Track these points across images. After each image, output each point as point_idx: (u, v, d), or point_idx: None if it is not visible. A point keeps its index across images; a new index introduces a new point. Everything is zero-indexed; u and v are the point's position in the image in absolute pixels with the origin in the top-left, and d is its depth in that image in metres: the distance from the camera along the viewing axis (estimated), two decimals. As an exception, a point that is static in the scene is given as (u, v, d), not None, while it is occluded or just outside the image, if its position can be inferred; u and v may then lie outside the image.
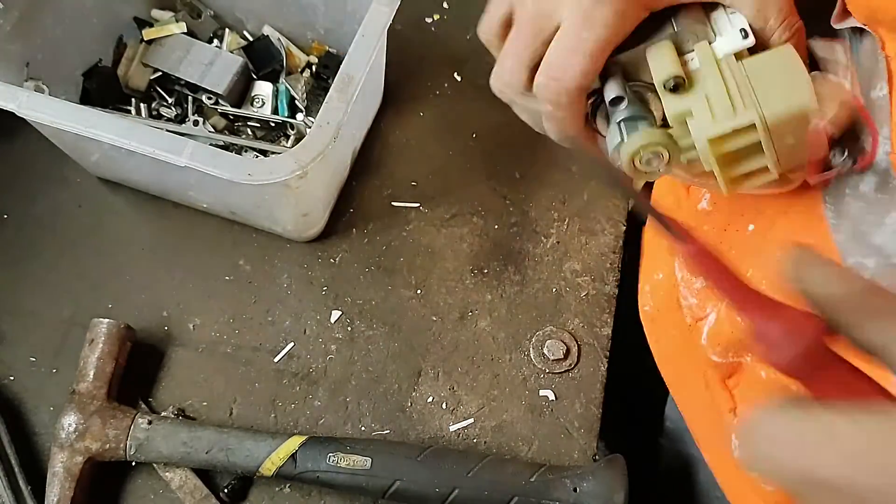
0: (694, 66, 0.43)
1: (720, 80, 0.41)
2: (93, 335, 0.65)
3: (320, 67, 0.79)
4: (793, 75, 0.40)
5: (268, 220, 0.74)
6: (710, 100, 0.41)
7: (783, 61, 0.41)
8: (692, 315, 0.58)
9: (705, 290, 0.56)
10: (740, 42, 0.42)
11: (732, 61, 0.42)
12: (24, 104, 0.59)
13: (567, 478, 0.62)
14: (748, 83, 0.41)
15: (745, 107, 0.40)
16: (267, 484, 0.66)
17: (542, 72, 0.43)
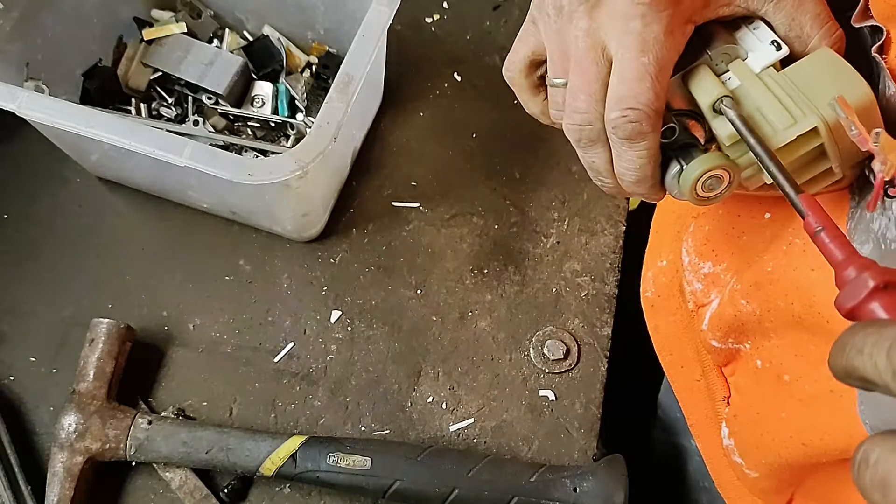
0: (733, 86, 0.43)
1: (768, 92, 0.41)
2: (93, 335, 0.65)
3: (320, 67, 0.79)
4: (839, 72, 0.40)
5: (268, 220, 0.74)
6: (765, 113, 0.41)
7: (825, 62, 0.41)
8: (695, 301, 0.59)
9: (712, 275, 0.56)
10: (774, 54, 0.42)
11: (773, 73, 0.42)
12: (24, 104, 0.59)
13: (567, 478, 0.62)
14: (797, 90, 0.41)
15: (803, 113, 0.40)
16: (267, 484, 0.66)
17: (613, 106, 0.42)
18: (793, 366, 0.49)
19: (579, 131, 0.44)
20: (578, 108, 0.44)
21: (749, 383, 0.55)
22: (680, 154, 0.44)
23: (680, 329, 0.62)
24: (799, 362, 0.49)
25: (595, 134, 0.44)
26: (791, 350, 0.49)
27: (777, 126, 0.40)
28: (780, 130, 0.40)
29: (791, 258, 0.46)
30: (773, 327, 0.50)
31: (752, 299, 0.50)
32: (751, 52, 0.43)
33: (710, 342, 0.56)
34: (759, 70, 0.42)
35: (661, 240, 0.67)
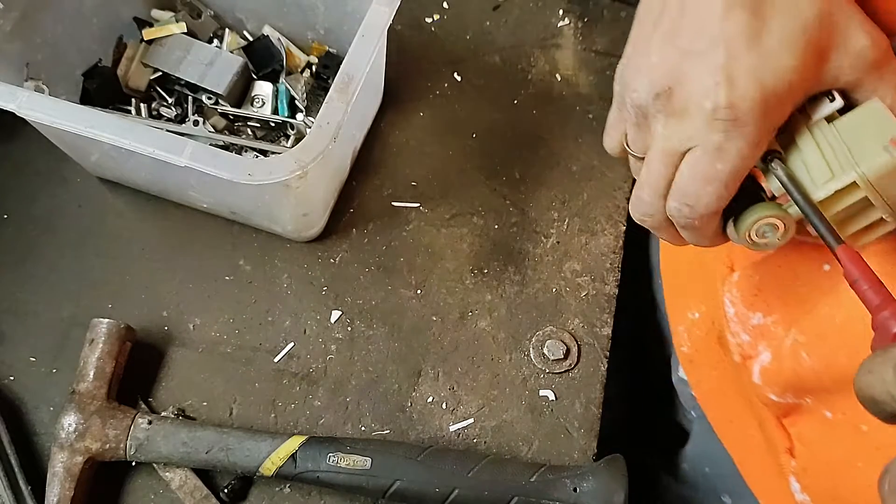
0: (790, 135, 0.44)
1: (814, 145, 0.42)
2: (93, 335, 0.65)
3: (320, 67, 0.79)
4: (887, 126, 0.40)
5: (268, 220, 0.74)
6: (809, 166, 0.42)
7: (873, 115, 0.41)
8: (741, 353, 0.57)
9: (762, 326, 0.55)
10: (829, 106, 0.42)
11: (824, 125, 0.42)
12: (24, 104, 0.59)
13: (567, 478, 0.62)
14: (842, 143, 0.41)
15: (841, 168, 0.40)
16: (267, 484, 0.66)
17: (675, 197, 0.43)
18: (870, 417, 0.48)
19: (641, 220, 0.46)
20: (642, 199, 0.45)
21: (817, 435, 0.53)
22: (738, 200, 0.44)
23: (725, 383, 0.61)
24: None
25: (657, 222, 0.46)
26: None
27: (818, 180, 0.41)
28: (820, 185, 0.41)
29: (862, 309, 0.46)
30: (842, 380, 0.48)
31: (815, 353, 0.49)
32: (807, 102, 0.43)
33: (768, 395, 0.54)
34: (812, 121, 0.43)
35: (686, 290, 0.65)
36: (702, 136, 0.41)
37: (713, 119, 0.40)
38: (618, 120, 0.47)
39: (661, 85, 0.42)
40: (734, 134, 0.40)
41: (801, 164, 0.42)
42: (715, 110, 0.39)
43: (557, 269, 0.76)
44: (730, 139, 0.40)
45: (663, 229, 0.46)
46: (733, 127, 0.39)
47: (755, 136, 0.40)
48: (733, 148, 0.40)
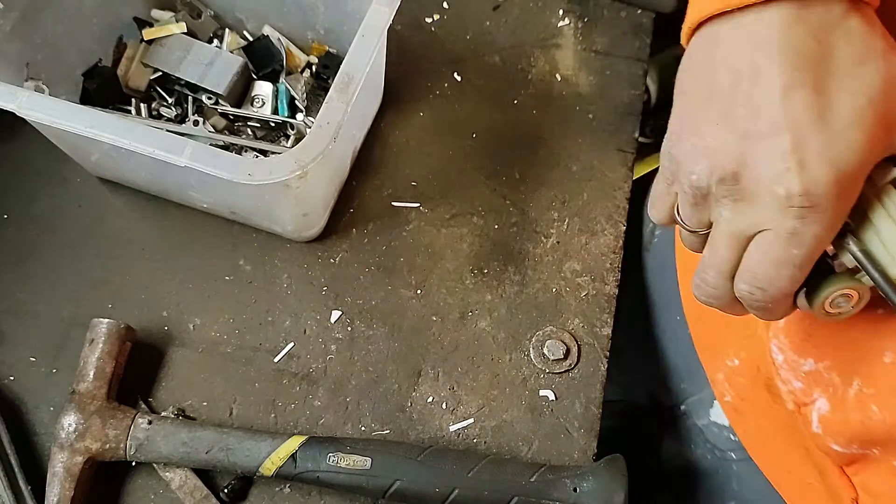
0: None
1: (885, 215, 0.40)
2: (93, 335, 0.65)
3: (320, 67, 0.79)
4: None
5: (268, 220, 0.74)
6: (882, 238, 0.40)
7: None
8: (795, 400, 0.55)
9: (814, 372, 0.53)
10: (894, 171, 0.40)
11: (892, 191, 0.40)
12: (24, 104, 0.59)
13: (567, 478, 0.62)
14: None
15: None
16: (267, 484, 0.66)
17: (745, 280, 0.42)
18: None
19: (707, 301, 0.45)
20: (707, 282, 0.44)
21: (886, 486, 0.50)
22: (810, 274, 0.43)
23: (778, 432, 0.58)
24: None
25: (724, 304, 0.45)
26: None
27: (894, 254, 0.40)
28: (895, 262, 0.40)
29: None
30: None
31: (885, 405, 0.47)
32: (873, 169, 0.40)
33: (829, 446, 0.52)
34: (879, 187, 0.40)
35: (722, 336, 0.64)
36: (775, 222, 0.39)
37: (788, 206, 0.38)
38: (666, 194, 0.46)
39: (725, 170, 0.40)
40: (810, 220, 0.38)
41: (873, 235, 0.41)
42: (789, 197, 0.38)
43: (557, 269, 0.76)
44: (806, 225, 0.38)
45: (729, 307, 0.45)
46: (810, 213, 0.38)
47: (832, 220, 0.38)
48: (809, 233, 0.38)
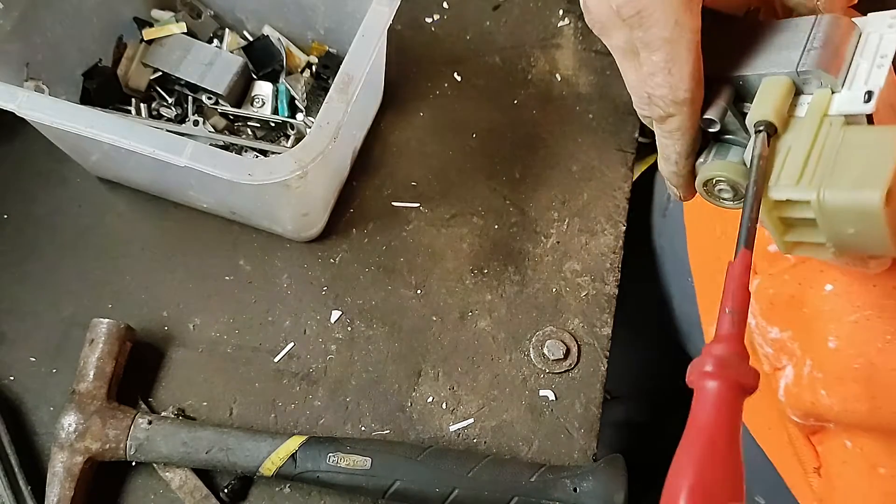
0: (800, 113, 0.40)
1: (809, 141, 0.38)
2: (93, 335, 0.65)
3: (320, 67, 0.79)
4: (878, 166, 0.35)
5: (268, 220, 0.74)
6: (787, 158, 0.38)
7: (880, 145, 0.36)
8: (770, 363, 0.55)
9: (780, 341, 0.53)
10: (859, 105, 0.37)
11: (837, 124, 0.38)
12: (24, 104, 0.59)
13: (567, 478, 0.62)
14: (834, 154, 0.37)
15: (810, 182, 0.37)
16: (267, 484, 0.66)
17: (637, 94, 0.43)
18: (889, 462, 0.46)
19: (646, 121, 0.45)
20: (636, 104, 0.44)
21: (837, 463, 0.51)
22: (718, 147, 0.42)
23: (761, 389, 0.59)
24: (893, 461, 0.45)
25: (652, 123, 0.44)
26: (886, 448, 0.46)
27: (784, 178, 0.38)
28: (781, 185, 0.38)
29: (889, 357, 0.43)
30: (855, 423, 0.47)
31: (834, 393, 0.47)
32: (846, 89, 0.38)
33: (791, 416, 0.53)
34: (832, 112, 0.38)
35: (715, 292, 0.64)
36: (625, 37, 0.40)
37: (622, 20, 0.39)
38: None
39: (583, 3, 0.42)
40: (647, 25, 0.39)
41: (787, 148, 0.39)
42: (618, 12, 0.39)
43: (557, 269, 0.76)
44: (647, 30, 0.39)
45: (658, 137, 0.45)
46: (642, 20, 0.39)
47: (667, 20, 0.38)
48: (653, 37, 0.39)
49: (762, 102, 0.40)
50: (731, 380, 0.31)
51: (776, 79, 0.40)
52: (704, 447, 0.30)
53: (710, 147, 0.43)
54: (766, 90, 0.40)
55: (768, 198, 0.38)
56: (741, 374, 0.31)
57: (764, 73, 0.41)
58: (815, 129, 0.38)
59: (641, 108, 0.43)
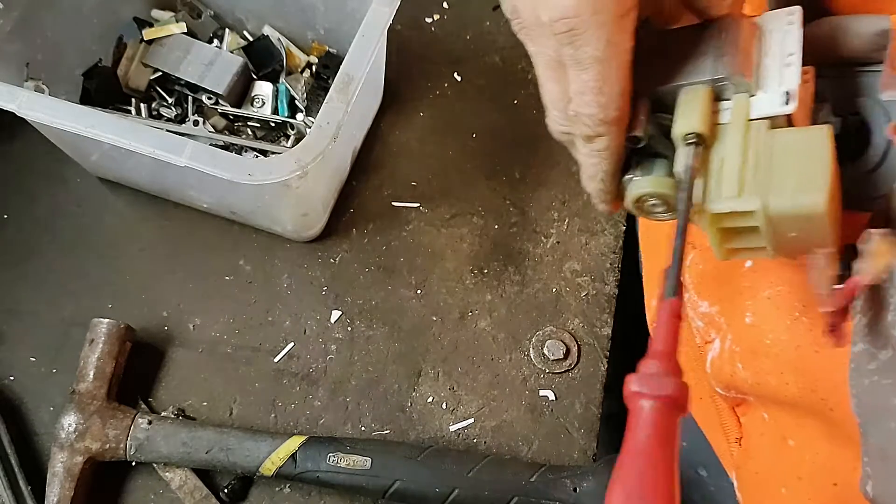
0: (724, 119, 0.39)
1: (740, 149, 0.37)
2: (93, 335, 0.65)
3: (320, 67, 0.79)
4: (815, 168, 0.35)
5: (268, 220, 0.74)
6: (723, 169, 0.38)
7: (813, 147, 0.36)
8: (700, 336, 0.56)
9: (710, 315, 0.54)
10: (779, 107, 0.37)
11: (763, 128, 0.38)
12: (24, 104, 0.59)
13: (567, 478, 0.62)
14: (769, 160, 0.36)
15: (752, 191, 0.36)
16: (267, 484, 0.66)
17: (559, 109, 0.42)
18: (798, 434, 0.47)
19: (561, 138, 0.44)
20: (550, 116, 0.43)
21: (756, 434, 0.52)
22: (642, 162, 0.42)
23: (693, 361, 0.59)
24: (801, 432, 0.46)
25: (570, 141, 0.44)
26: (794, 420, 0.47)
27: (723, 190, 0.37)
28: (722, 197, 0.37)
29: (795, 335, 0.44)
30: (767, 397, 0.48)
31: (748, 367, 0.48)
32: (762, 92, 0.38)
33: (715, 388, 0.54)
34: (754, 117, 0.38)
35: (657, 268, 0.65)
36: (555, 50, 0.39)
37: (553, 34, 0.38)
38: None
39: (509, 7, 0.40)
40: (579, 43, 0.37)
41: (719, 158, 0.38)
42: (551, 25, 0.37)
43: (557, 269, 0.76)
44: (578, 49, 0.37)
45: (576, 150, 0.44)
46: (575, 37, 0.37)
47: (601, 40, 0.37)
48: (585, 55, 0.37)
49: (687, 114, 0.39)
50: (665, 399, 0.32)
51: (695, 88, 0.40)
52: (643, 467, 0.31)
53: (635, 163, 0.42)
54: (687, 101, 0.40)
55: (710, 211, 0.38)
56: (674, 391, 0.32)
57: (682, 84, 0.40)
58: (743, 135, 0.38)
59: (561, 124, 0.42)
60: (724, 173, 0.38)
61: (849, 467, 0.41)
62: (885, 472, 0.36)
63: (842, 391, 0.39)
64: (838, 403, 0.40)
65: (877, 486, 0.37)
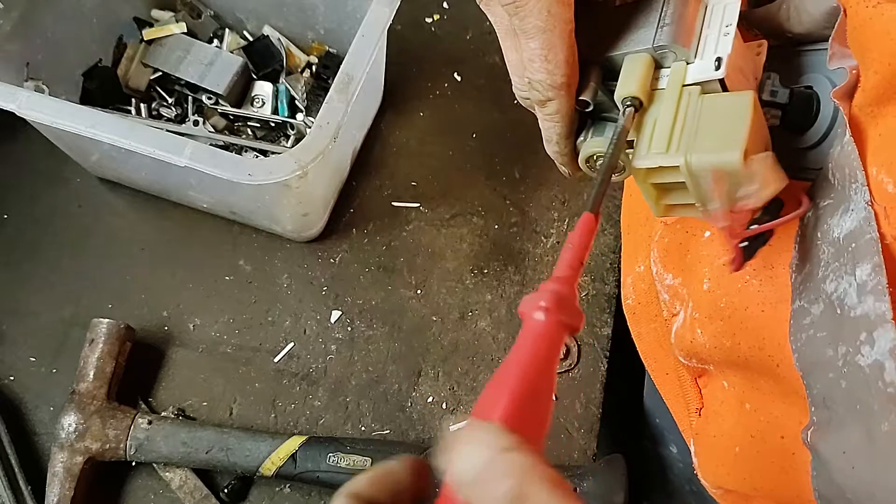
0: (662, 85, 0.42)
1: (672, 111, 0.40)
2: (93, 335, 0.65)
3: (320, 67, 0.79)
4: (735, 128, 0.38)
5: (268, 220, 0.74)
6: (655, 129, 0.41)
7: (736, 109, 0.39)
8: (668, 310, 0.58)
9: (674, 287, 0.57)
10: (711, 72, 0.40)
11: (695, 93, 0.41)
12: (24, 104, 0.59)
13: (567, 478, 0.62)
14: (696, 121, 0.40)
15: (677, 148, 0.39)
16: (267, 484, 0.66)
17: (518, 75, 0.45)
18: (753, 396, 0.49)
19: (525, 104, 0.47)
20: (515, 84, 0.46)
21: (716, 403, 0.54)
22: (595, 125, 0.45)
23: (661, 335, 0.62)
24: (756, 395, 0.49)
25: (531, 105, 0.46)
26: (749, 383, 0.49)
27: (653, 148, 0.40)
28: (651, 153, 0.40)
29: (744, 297, 0.46)
30: (724, 360, 0.50)
31: (706, 331, 0.50)
32: (698, 59, 0.41)
33: (679, 358, 0.56)
34: (689, 82, 0.41)
35: (634, 243, 0.66)
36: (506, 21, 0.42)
37: (502, 5, 0.41)
38: None
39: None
40: (523, 13, 0.41)
41: (653, 120, 0.41)
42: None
43: (557, 269, 0.76)
44: (522, 19, 0.41)
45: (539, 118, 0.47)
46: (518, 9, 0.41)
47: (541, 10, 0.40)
48: (529, 25, 0.41)
49: (626, 79, 0.42)
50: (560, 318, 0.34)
51: (637, 56, 0.43)
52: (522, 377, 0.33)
53: (589, 126, 0.46)
54: (628, 68, 0.43)
55: (641, 167, 0.41)
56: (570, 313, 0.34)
57: (626, 52, 0.43)
58: (676, 99, 0.41)
59: (522, 90, 0.45)
60: (655, 132, 0.41)
61: (795, 421, 0.44)
62: (827, 419, 0.39)
63: (785, 348, 0.42)
64: (783, 360, 0.42)
65: (815, 432, 0.40)
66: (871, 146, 0.38)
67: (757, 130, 0.39)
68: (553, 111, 0.44)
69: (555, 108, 0.43)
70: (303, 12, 0.77)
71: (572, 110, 0.44)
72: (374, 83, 0.78)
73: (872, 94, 0.38)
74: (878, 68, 0.37)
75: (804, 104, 0.43)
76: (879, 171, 0.37)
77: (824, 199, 0.41)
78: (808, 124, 0.43)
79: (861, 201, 0.38)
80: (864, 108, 0.39)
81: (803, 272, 0.42)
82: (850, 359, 0.36)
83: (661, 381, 0.64)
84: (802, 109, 0.43)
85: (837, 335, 0.38)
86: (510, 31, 0.43)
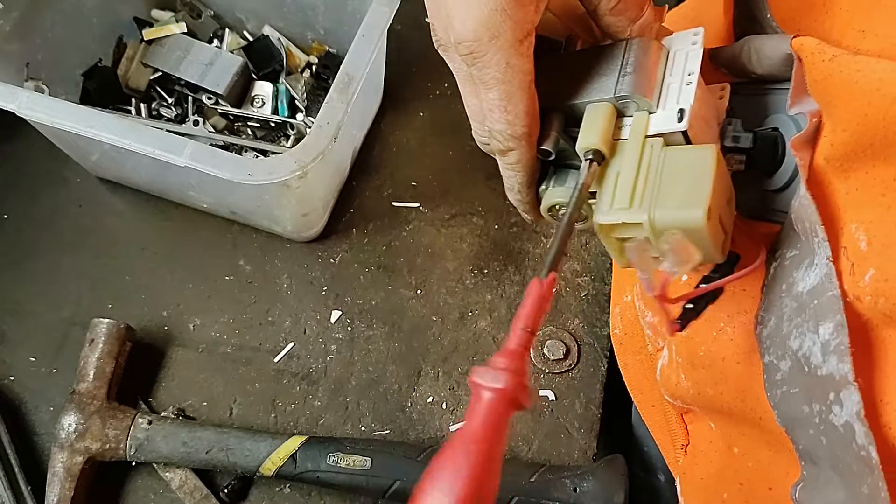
0: (625, 135, 0.41)
1: (635, 164, 0.39)
2: (93, 335, 0.65)
3: (320, 67, 0.79)
4: (698, 185, 0.37)
5: (268, 220, 0.74)
6: (618, 182, 0.40)
7: (699, 164, 0.38)
8: (652, 344, 0.58)
9: (655, 325, 0.56)
10: (674, 124, 0.39)
11: (658, 144, 0.40)
12: (24, 104, 0.59)
13: (567, 478, 0.62)
14: (659, 175, 0.39)
15: (640, 204, 0.38)
16: (267, 484, 0.66)
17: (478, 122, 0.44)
18: (740, 441, 0.48)
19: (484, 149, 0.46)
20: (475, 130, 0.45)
21: (704, 443, 0.53)
22: (557, 173, 0.44)
23: (647, 368, 0.61)
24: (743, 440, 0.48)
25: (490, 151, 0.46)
26: (736, 428, 0.48)
27: (616, 203, 0.39)
28: (613, 209, 0.39)
29: (720, 346, 0.45)
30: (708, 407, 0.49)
31: (689, 378, 0.49)
32: (661, 109, 0.40)
33: (664, 396, 0.55)
34: (651, 133, 0.40)
35: (623, 272, 0.66)
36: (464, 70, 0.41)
37: (459, 56, 0.40)
38: None
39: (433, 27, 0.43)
40: (480, 64, 0.39)
41: (615, 172, 0.40)
42: (457, 47, 0.39)
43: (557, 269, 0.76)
44: (480, 69, 0.39)
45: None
46: (474, 59, 0.39)
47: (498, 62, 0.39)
48: (487, 76, 0.39)
49: (588, 130, 0.41)
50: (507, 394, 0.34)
51: (598, 105, 0.42)
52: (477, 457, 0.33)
53: (551, 173, 0.45)
54: (590, 117, 0.41)
55: (604, 223, 0.40)
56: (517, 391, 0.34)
57: (587, 101, 0.42)
58: (639, 151, 0.40)
59: (482, 136, 0.44)
60: (618, 186, 0.40)
61: (782, 472, 0.43)
62: (815, 475, 0.37)
63: (765, 401, 0.41)
64: (765, 413, 0.41)
65: (804, 489, 0.39)
66: (849, 201, 0.37)
67: (721, 184, 0.38)
68: (514, 161, 0.43)
69: (516, 158, 0.43)
70: (303, 12, 0.77)
71: (533, 160, 0.43)
72: (374, 83, 0.78)
73: (842, 150, 0.37)
74: (846, 126, 0.36)
75: (769, 148, 0.42)
76: (858, 229, 0.36)
77: (791, 249, 0.40)
78: (773, 168, 0.42)
79: (823, 256, 0.36)
80: (832, 161, 0.38)
81: (769, 325, 0.40)
82: (824, 417, 0.35)
83: (647, 413, 0.63)
84: (767, 153, 0.42)
85: (809, 393, 0.37)
86: (469, 78, 0.42)
